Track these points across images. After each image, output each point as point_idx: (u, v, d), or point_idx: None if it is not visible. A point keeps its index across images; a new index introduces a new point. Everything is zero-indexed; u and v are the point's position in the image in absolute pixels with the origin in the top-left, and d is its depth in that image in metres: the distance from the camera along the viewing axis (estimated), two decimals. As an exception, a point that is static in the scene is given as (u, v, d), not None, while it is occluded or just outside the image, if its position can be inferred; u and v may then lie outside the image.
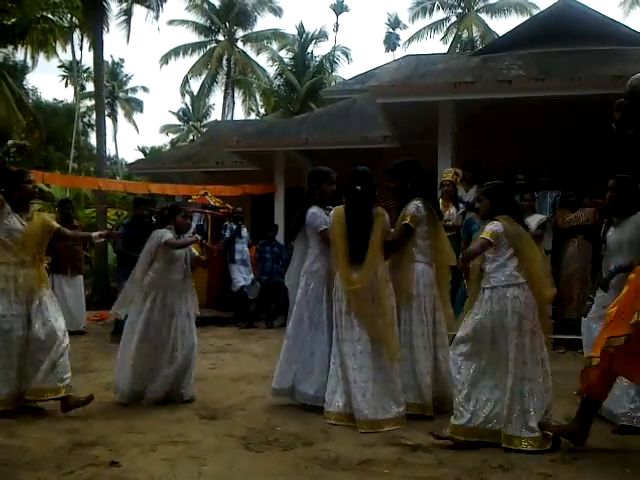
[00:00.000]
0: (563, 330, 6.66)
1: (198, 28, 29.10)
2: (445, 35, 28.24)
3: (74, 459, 3.33)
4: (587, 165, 8.53)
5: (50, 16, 17.49)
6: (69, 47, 26.77)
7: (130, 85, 41.36)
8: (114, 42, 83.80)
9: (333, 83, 23.75)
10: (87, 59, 32.86)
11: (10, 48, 19.40)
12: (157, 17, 19.48)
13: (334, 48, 29.41)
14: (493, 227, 3.64)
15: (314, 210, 4.55)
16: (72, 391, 4.25)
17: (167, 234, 4.65)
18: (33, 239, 4.26)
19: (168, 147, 35.86)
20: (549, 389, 3.56)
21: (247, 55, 29.60)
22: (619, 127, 3.22)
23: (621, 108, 3.21)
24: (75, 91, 29.96)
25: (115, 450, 3.46)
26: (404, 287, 4.27)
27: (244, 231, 10.29)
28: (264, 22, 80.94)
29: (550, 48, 9.84)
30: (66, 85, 36.43)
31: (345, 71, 57.16)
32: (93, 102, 23.48)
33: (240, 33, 29.99)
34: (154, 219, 8.21)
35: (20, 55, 22.95)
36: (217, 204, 11.48)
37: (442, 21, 28.51)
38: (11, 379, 4.19)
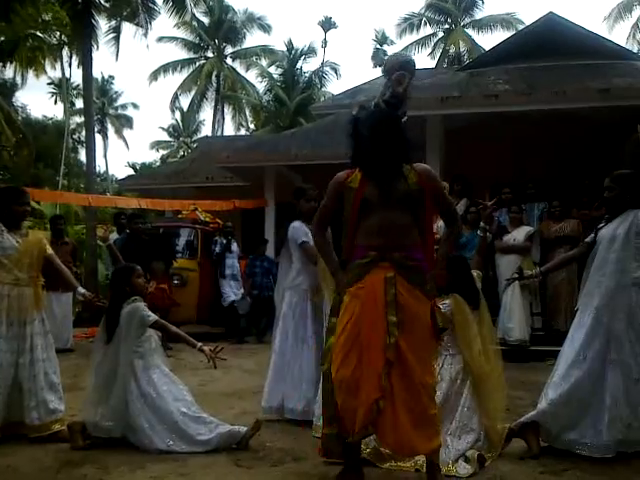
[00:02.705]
0: (552, 341, 6.68)
1: (187, 45, 29.24)
2: (432, 50, 28.49)
3: (63, 478, 3.31)
4: (574, 177, 8.62)
5: (39, 34, 17.52)
6: (58, 64, 26.90)
7: (120, 102, 41.42)
8: (103, 59, 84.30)
9: (322, 98, 23.89)
10: (76, 76, 33.15)
11: (-1, 65, 19.43)
12: (146, 34, 19.39)
13: (323, 64, 29.59)
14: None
15: (295, 224, 4.59)
16: (64, 423, 4.08)
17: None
18: (28, 256, 4.17)
19: (158, 163, 35.84)
20: None
21: (236, 71, 29.76)
22: (396, 100, 3.00)
23: (405, 83, 3.01)
24: (65, 108, 29.96)
25: (103, 468, 3.44)
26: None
27: (234, 246, 10.29)
28: (253, 39, 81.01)
29: (536, 63, 9.97)
30: (55, 102, 36.43)
31: (334, 87, 57.08)
32: (83, 119, 23.43)
33: (229, 50, 30.20)
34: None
35: (9, 72, 23.03)
36: (207, 219, 11.49)
37: (429, 37, 28.75)
38: None
